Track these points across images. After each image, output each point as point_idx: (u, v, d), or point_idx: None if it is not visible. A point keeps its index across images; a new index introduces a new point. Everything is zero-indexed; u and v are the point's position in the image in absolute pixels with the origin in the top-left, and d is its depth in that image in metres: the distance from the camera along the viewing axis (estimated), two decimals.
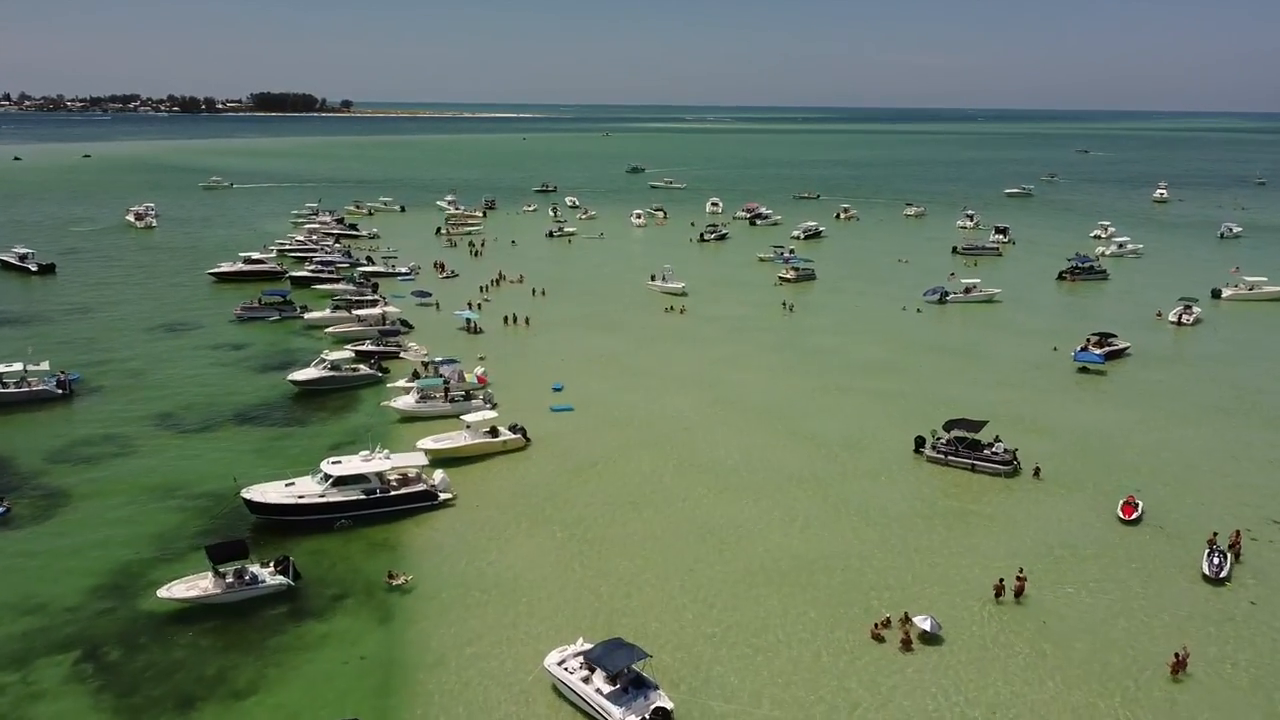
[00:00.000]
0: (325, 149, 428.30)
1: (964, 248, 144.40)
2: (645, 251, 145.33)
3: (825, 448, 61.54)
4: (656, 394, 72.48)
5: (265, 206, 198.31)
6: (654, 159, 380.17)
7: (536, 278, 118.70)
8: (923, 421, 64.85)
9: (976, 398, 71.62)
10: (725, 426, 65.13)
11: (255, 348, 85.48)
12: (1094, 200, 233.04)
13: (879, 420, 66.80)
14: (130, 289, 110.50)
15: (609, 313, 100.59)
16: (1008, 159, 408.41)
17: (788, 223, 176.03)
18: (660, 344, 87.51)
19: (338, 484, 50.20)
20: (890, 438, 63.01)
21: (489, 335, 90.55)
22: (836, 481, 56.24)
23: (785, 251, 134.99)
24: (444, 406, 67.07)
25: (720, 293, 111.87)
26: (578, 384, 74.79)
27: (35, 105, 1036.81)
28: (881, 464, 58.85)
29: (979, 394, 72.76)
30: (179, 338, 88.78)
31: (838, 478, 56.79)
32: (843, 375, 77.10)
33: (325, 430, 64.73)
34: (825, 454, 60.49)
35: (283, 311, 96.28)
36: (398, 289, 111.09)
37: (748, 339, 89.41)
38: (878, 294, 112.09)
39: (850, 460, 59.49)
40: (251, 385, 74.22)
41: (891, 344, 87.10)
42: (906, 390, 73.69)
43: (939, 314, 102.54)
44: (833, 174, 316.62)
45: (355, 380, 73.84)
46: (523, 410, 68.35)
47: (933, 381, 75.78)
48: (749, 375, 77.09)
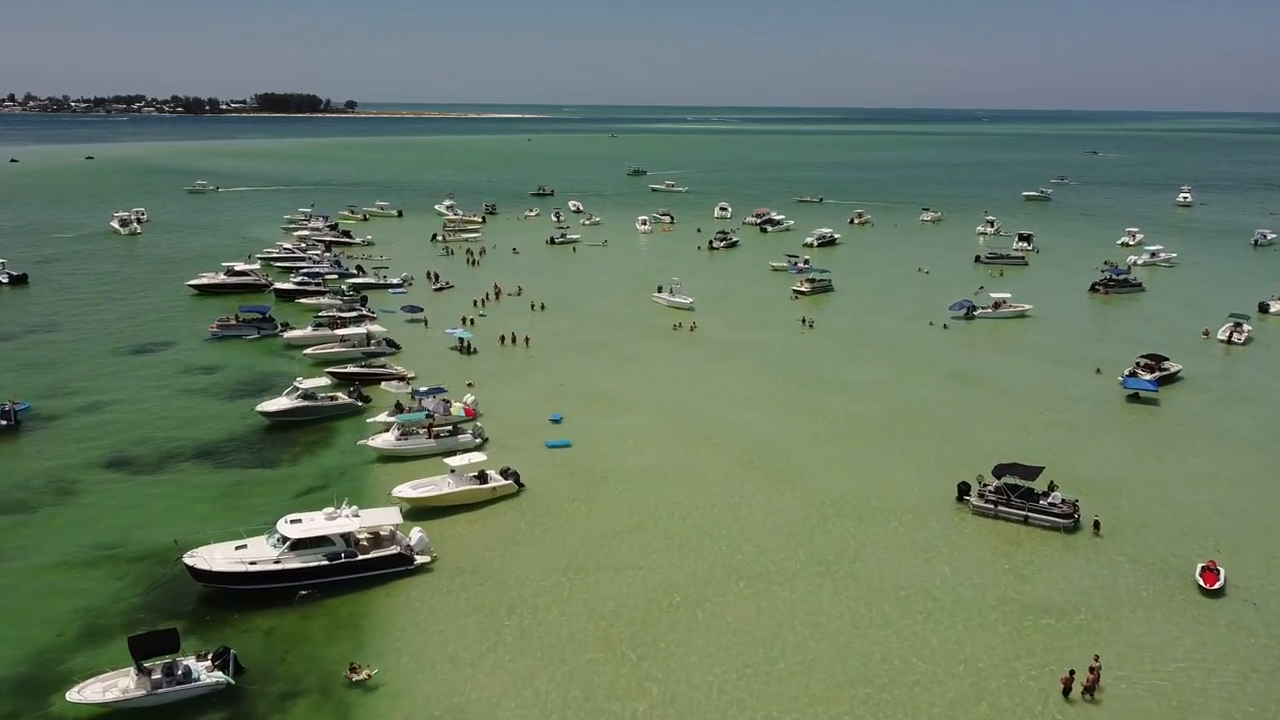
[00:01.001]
0: (326, 151, 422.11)
1: (987, 257, 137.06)
2: (651, 260, 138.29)
3: (861, 506, 54.27)
4: (664, 434, 65.36)
5: (257, 211, 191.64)
6: (657, 161, 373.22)
7: (536, 289, 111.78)
8: (962, 465, 57.78)
9: (1019, 435, 64.43)
10: (743, 484, 57.74)
11: (228, 371, 78.58)
12: (1114, 204, 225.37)
13: (915, 464, 59.56)
14: (103, 302, 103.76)
15: (613, 330, 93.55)
16: (1018, 160, 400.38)
17: (800, 229, 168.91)
18: (669, 368, 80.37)
19: (296, 548, 43.22)
20: (930, 484, 55.85)
21: (483, 356, 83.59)
22: (873, 548, 49.07)
23: (799, 261, 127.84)
24: (428, 444, 60.11)
25: (732, 308, 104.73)
26: (578, 413, 67.76)
27: (39, 106, 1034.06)
28: (918, 517, 51.67)
29: (1021, 430, 65.52)
30: (146, 359, 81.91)
31: (875, 542, 49.62)
32: (873, 413, 68.92)
33: (295, 472, 57.75)
34: (861, 513, 53.22)
35: (262, 329, 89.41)
36: (388, 302, 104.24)
37: (765, 368, 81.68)
38: (900, 308, 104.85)
39: (888, 517, 52.27)
40: (218, 416, 67.30)
41: (922, 372, 78.96)
42: (943, 426, 66.40)
43: (967, 331, 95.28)
44: (840, 177, 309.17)
45: (332, 411, 66.92)
46: (517, 445, 61.54)
47: (969, 416, 68.30)
48: (768, 417, 68.15)
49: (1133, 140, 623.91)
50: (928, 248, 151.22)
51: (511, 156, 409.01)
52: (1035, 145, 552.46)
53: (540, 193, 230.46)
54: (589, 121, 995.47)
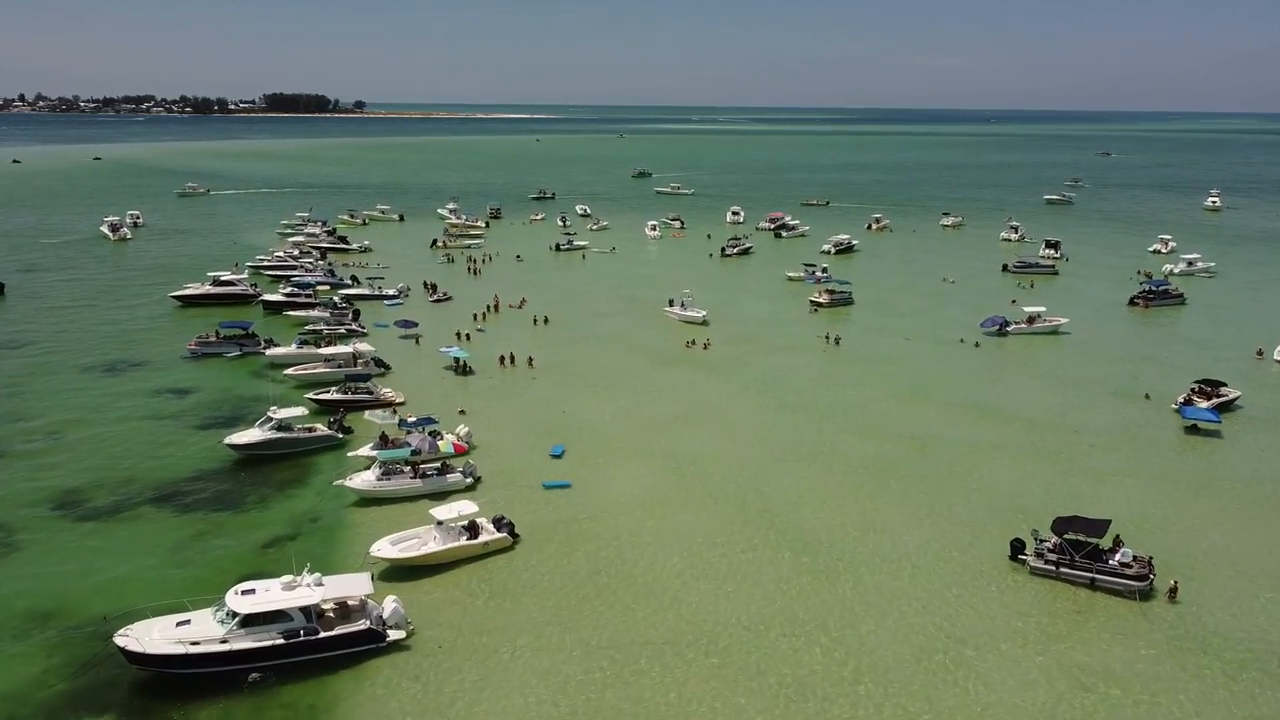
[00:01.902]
0: (332, 151, 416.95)
1: (1015, 265, 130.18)
2: (661, 268, 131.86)
3: (902, 567, 47.86)
4: (674, 479, 59.03)
5: (253, 215, 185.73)
6: (663, 162, 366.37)
7: (540, 301, 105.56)
8: (1012, 516, 51.38)
9: (1068, 478, 57.86)
10: (763, 545, 51.53)
11: (202, 394, 72.48)
12: (1138, 208, 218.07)
13: (962, 518, 53.08)
14: (81, 315, 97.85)
15: (622, 349, 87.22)
16: (1030, 162, 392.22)
17: (814, 234, 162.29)
18: (681, 394, 73.95)
19: (248, 624, 37.03)
20: (978, 540, 49.38)
21: (480, 377, 77.36)
22: (916, 615, 42.60)
23: (817, 270, 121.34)
24: (412, 484, 53.92)
25: (748, 324, 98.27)
26: (581, 447, 61.47)
27: (49, 106, 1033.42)
28: (970, 578, 45.18)
29: (1070, 471, 58.91)
30: (117, 380, 75.90)
31: (919, 610, 43.16)
32: (908, 457, 62.00)
33: (262, 518, 51.55)
34: (901, 576, 46.83)
35: (244, 346, 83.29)
36: (383, 315, 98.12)
37: (787, 401, 75.35)
38: (927, 323, 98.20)
39: (933, 578, 45.80)
40: (185, 448, 61.16)
41: (959, 406, 72.09)
42: (985, 470, 59.87)
43: (1000, 349, 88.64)
44: (850, 179, 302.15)
45: (309, 444, 60.72)
46: (512, 485, 55.31)
47: (1012, 457, 61.46)
48: (791, 463, 62.76)
49: (1145, 141, 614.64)
50: (950, 255, 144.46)
51: (519, 157, 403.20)
52: (1045, 146, 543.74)
53: (540, 196, 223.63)
54: (595, 122, 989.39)
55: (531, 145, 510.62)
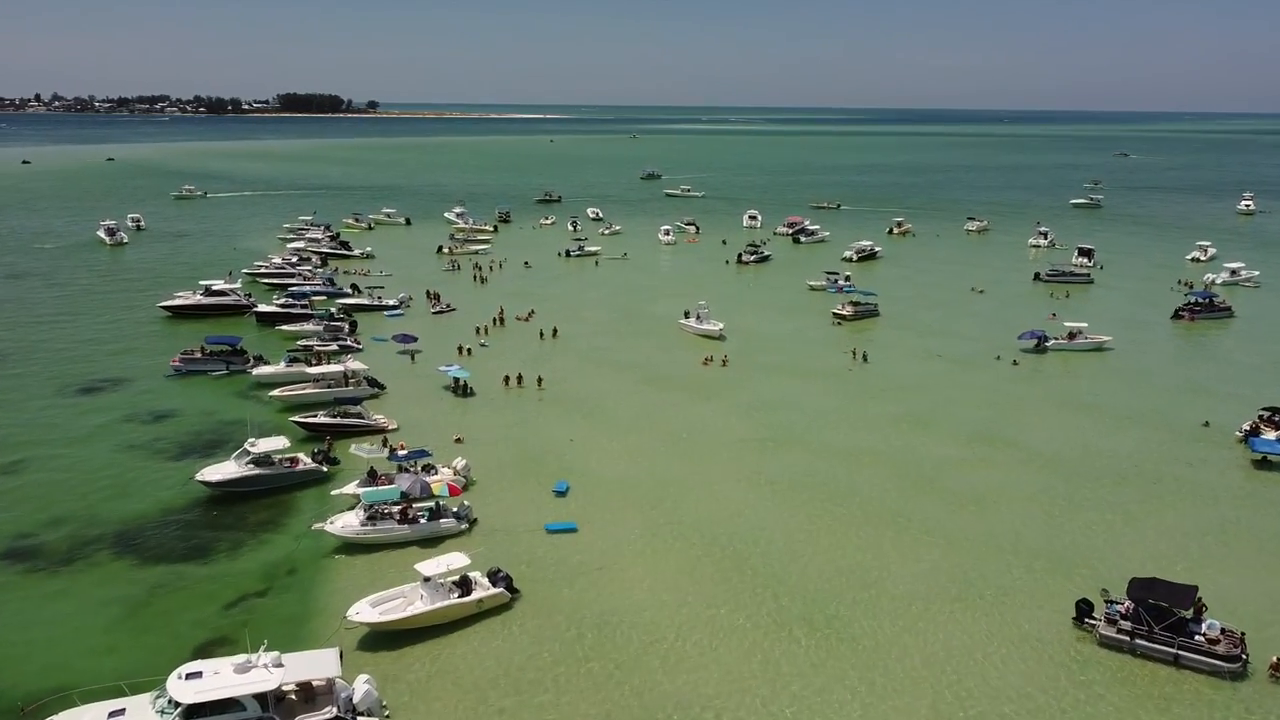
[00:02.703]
0: (343, 152, 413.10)
1: (1048, 274, 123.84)
2: (676, 276, 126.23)
3: (945, 632, 42.10)
4: (694, 519, 53.40)
5: (256, 218, 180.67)
6: (673, 163, 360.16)
7: (548, 311, 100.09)
8: (1073, 570, 45.55)
9: (1131, 525, 51.90)
10: (789, 620, 45.87)
11: (182, 418, 67.24)
12: (1168, 212, 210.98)
13: (1019, 574, 47.25)
14: (65, 327, 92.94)
15: (634, 364, 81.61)
16: (1051, 164, 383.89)
17: (836, 240, 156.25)
18: (696, 422, 68.29)
19: (192, 716, 31.60)
20: (1037, 600, 43.54)
21: (481, 399, 71.90)
22: (971, 697, 36.83)
23: (840, 279, 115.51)
24: (400, 530, 48.47)
25: (768, 337, 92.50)
26: (588, 480, 55.94)
27: (64, 106, 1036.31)
28: (1027, 644, 39.36)
29: (1134, 516, 52.95)
30: (92, 401, 70.77)
31: (973, 687, 37.37)
32: (948, 500, 56.06)
33: (232, 569, 46.15)
34: (954, 650, 41.07)
35: (231, 363, 78.08)
36: (381, 327, 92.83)
37: (807, 431, 69.71)
38: (959, 338, 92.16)
39: (990, 648, 40.00)
40: (156, 483, 55.88)
41: (1005, 442, 66.56)
42: (1040, 516, 53.97)
43: (1039, 368, 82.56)
44: (864, 180, 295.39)
45: (291, 479, 55.35)
46: (512, 527, 49.83)
47: (1069, 501, 55.42)
48: (809, 507, 57.05)
49: (1162, 142, 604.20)
50: (978, 262, 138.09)
51: (531, 158, 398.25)
52: (1061, 147, 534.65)
53: (546, 198, 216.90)
54: (610, 122, 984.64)
55: (544, 146, 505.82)
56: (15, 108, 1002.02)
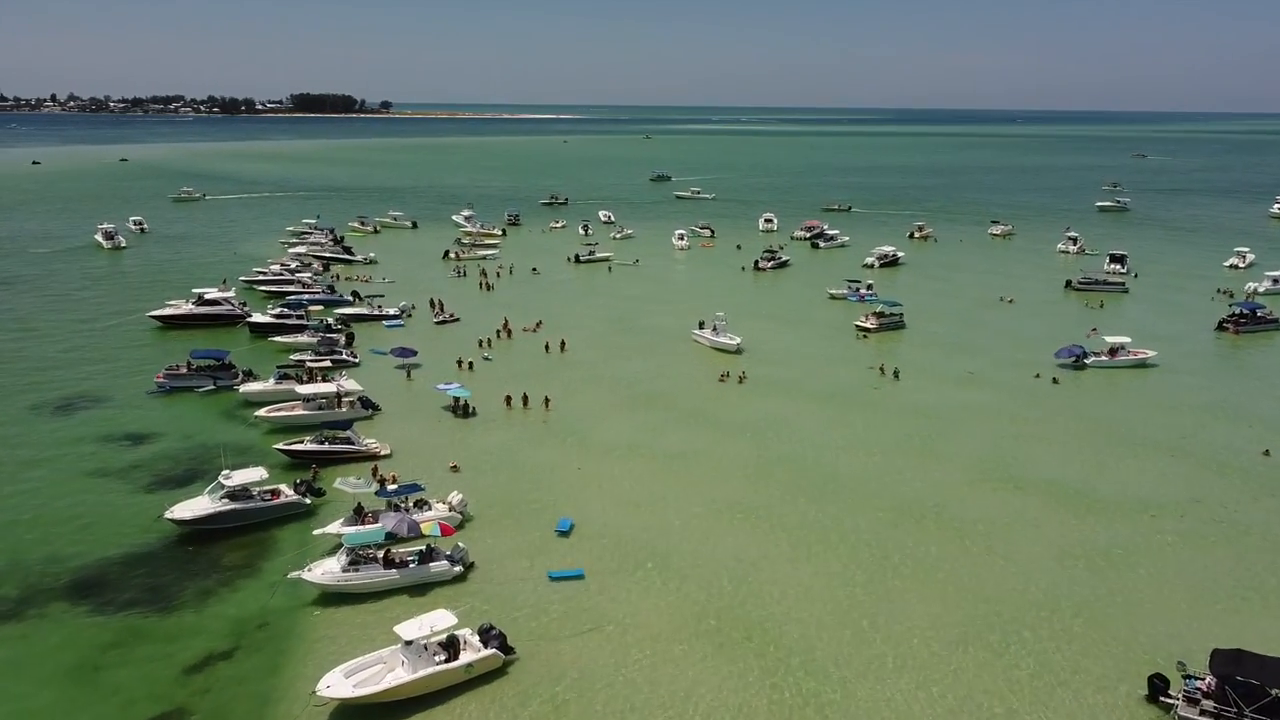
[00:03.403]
0: (353, 153, 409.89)
1: (1080, 282, 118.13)
2: (690, 284, 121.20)
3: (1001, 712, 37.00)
4: (709, 567, 48.41)
5: (259, 221, 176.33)
6: (686, 164, 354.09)
7: (556, 321, 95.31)
8: (1141, 639, 40.35)
9: (1187, 582, 46.61)
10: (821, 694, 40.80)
11: (161, 441, 62.67)
12: (1198, 215, 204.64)
13: (1077, 642, 42.07)
14: (48, 338, 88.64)
15: (646, 382, 76.60)
16: (1070, 165, 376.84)
17: (857, 245, 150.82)
18: (715, 445, 63.20)
19: None
20: (1107, 671, 38.37)
21: (482, 420, 67.07)
22: None
23: (862, 288, 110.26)
24: (386, 576, 43.67)
25: (788, 351, 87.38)
26: (595, 516, 51.05)
27: (79, 106, 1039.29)
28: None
29: (1186, 572, 47.68)
30: (68, 421, 66.25)
31: None
32: (998, 556, 51.31)
33: (197, 623, 41.35)
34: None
35: (218, 378, 73.52)
36: (381, 338, 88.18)
37: (835, 453, 64.63)
38: (990, 352, 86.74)
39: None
40: (124, 518, 51.22)
41: (1048, 475, 60.65)
42: (1100, 576, 48.79)
43: (1079, 388, 77.13)
44: (887, 182, 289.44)
45: (270, 513, 50.64)
46: (511, 572, 44.99)
47: (1130, 549, 50.30)
48: (837, 564, 52.43)
49: (1181, 142, 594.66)
50: (1004, 269, 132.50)
51: (543, 159, 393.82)
52: (1077, 148, 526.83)
53: (552, 201, 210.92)
54: (621, 122, 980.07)
55: (558, 146, 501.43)
56: (31, 108, 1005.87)
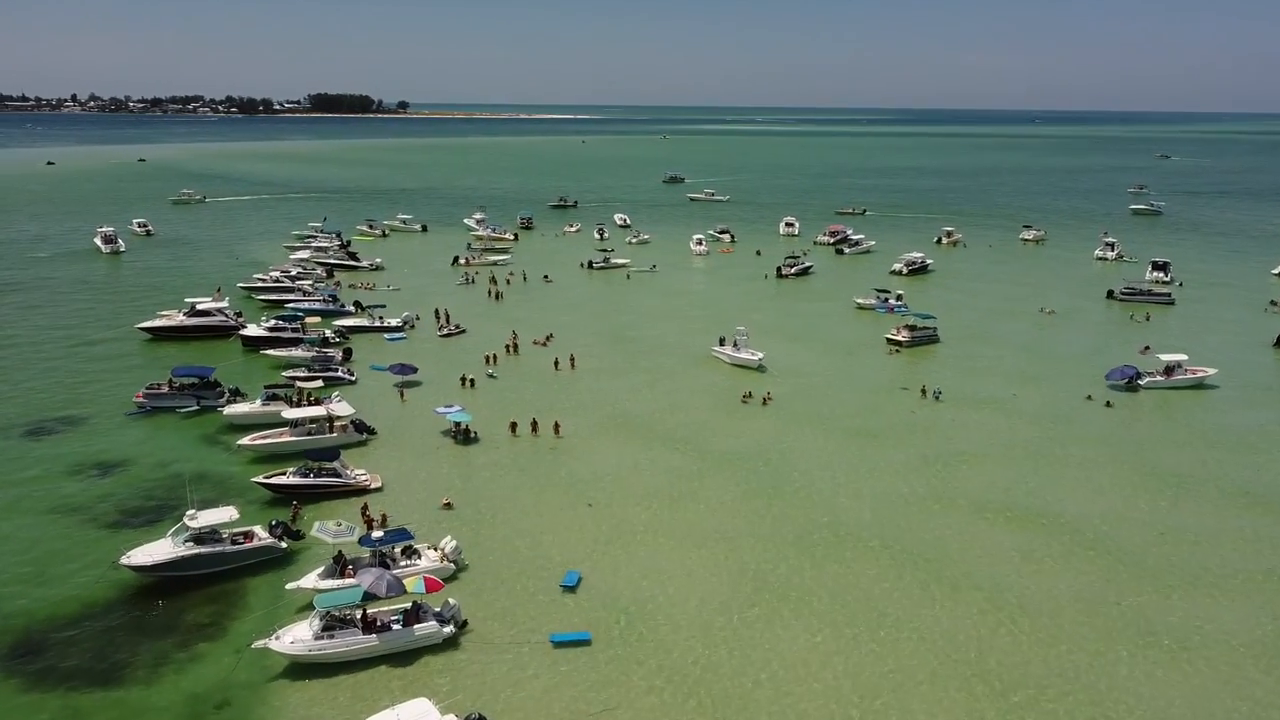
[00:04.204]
0: (367, 153, 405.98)
1: (1123, 292, 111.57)
2: (709, 293, 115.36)
3: None
4: (729, 644, 42.66)
5: (264, 225, 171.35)
6: (700, 166, 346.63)
7: (567, 334, 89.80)
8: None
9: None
10: None
11: (133, 470, 57.47)
12: (1234, 219, 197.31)
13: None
14: (30, 351, 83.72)
15: (664, 403, 70.85)
16: (1095, 166, 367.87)
17: (884, 250, 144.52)
18: (739, 480, 57.50)
19: None
20: None
21: (484, 448, 61.54)
22: None
23: (891, 297, 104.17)
24: (365, 642, 38.18)
25: (814, 366, 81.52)
26: (605, 565, 45.43)
27: (99, 106, 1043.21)
28: None
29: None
30: (37, 448, 61.15)
31: None
32: (1087, 652, 45.75)
33: (146, 699, 35.92)
34: None
35: (202, 398, 68.34)
36: (382, 353, 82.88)
37: (872, 499, 58.92)
38: (1033, 371, 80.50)
39: None
40: (80, 564, 45.93)
41: (1098, 533, 54.95)
42: (1166, 669, 42.75)
43: (1136, 413, 70.81)
44: (910, 184, 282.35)
45: (241, 558, 45.20)
46: (509, 634, 39.41)
47: (1179, 640, 44.43)
48: (869, 641, 46.61)
49: (1206, 143, 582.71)
50: (1040, 278, 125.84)
51: (559, 160, 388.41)
52: (1098, 148, 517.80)
53: (561, 204, 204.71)
54: (640, 123, 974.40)
55: (575, 147, 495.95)
56: (51, 108, 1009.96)
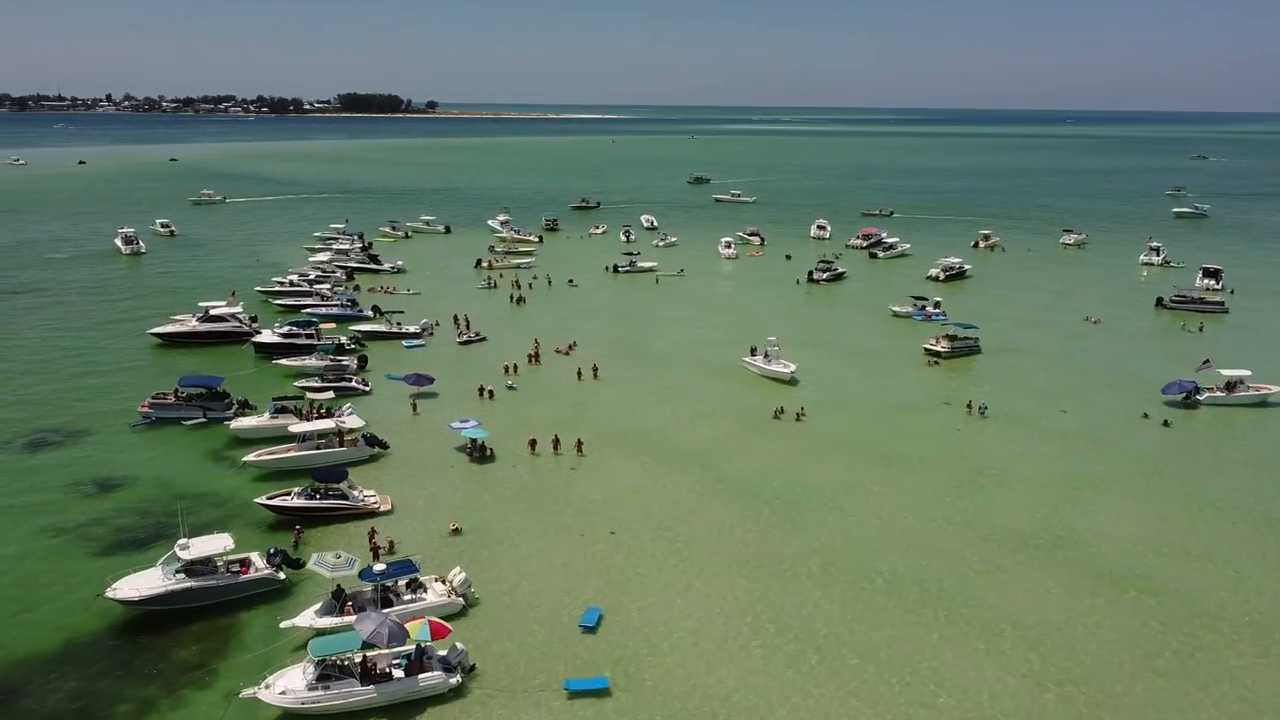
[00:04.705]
0: (395, 153, 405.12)
1: (1173, 300, 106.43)
2: (739, 299, 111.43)
3: None
4: (760, 691, 38.94)
5: (290, 225, 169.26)
6: (726, 166, 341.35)
7: (591, 342, 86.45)
8: None
9: None
10: None
11: (133, 489, 54.68)
12: (1277, 221, 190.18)
13: None
14: (39, 358, 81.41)
15: (692, 420, 67.14)
16: (1130, 167, 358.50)
17: (918, 254, 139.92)
18: (776, 510, 53.81)
19: None
20: None
21: (501, 467, 58.23)
22: None
23: (929, 305, 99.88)
24: (363, 694, 34.91)
25: (852, 381, 77.50)
26: (628, 602, 41.88)
27: (133, 106, 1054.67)
28: None
29: None
30: (35, 462, 58.59)
31: None
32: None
33: None
34: None
35: (210, 409, 65.57)
36: (398, 361, 79.79)
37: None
38: (1085, 387, 75.98)
39: None
40: (67, 593, 43.03)
41: (1163, 580, 51.04)
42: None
43: (1195, 432, 66.21)
44: (942, 185, 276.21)
45: (235, 591, 42.12)
46: (520, 681, 35.97)
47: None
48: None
49: (1245, 144, 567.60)
50: (1083, 284, 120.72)
51: (586, 160, 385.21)
52: (1136, 149, 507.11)
53: (583, 205, 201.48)
54: (671, 122, 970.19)
55: (605, 147, 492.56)
56: (87, 108, 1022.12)
